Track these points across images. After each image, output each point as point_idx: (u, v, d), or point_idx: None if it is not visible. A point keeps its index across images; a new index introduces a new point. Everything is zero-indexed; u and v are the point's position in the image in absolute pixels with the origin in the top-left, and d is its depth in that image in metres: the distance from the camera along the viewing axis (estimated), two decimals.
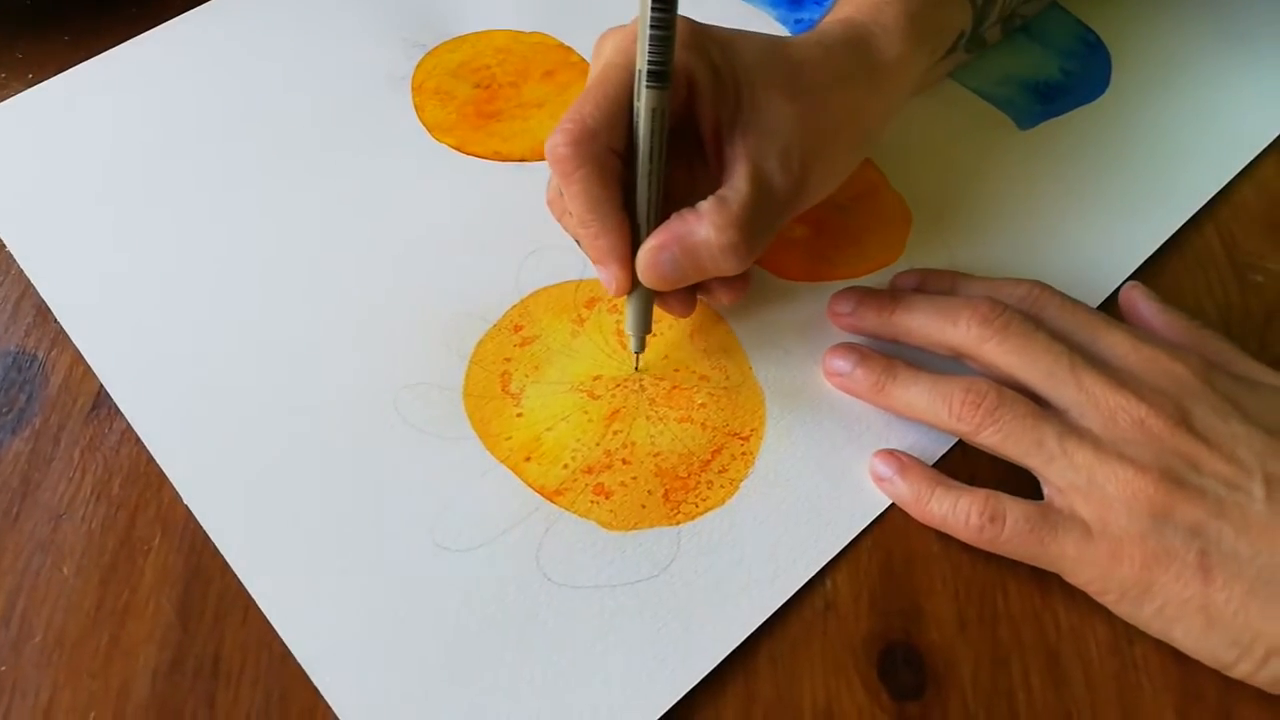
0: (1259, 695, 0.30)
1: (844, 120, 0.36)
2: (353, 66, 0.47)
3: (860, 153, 0.38)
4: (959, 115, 0.45)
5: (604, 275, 0.34)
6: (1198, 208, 0.42)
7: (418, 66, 0.47)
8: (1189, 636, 0.30)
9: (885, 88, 0.37)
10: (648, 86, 0.32)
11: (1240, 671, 0.29)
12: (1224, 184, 0.43)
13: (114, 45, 0.47)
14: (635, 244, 0.34)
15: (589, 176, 0.32)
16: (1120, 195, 0.43)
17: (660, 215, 0.34)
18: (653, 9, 0.30)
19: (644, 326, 0.36)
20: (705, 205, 0.33)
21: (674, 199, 0.34)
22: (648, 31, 0.31)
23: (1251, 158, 0.44)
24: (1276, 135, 0.45)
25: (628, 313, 0.36)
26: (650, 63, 0.31)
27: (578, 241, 0.36)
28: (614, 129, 0.32)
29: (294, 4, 0.49)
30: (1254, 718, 0.30)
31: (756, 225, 0.33)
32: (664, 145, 0.33)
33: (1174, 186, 0.43)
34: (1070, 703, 0.30)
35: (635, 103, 0.32)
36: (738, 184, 0.33)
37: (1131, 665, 0.31)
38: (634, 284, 0.34)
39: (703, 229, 0.32)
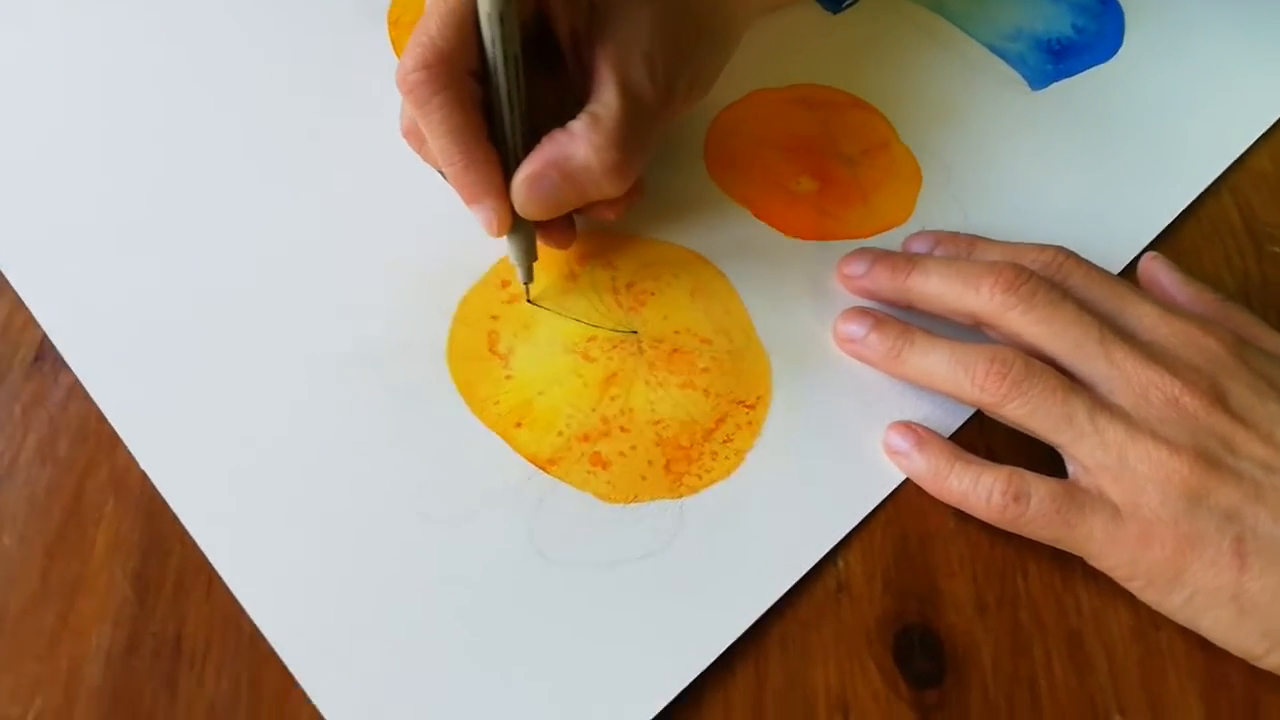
0: None
1: (704, 18, 0.34)
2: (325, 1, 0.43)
3: (725, 53, 0.36)
4: (971, 70, 0.43)
5: (480, 214, 0.32)
6: (1214, 176, 0.41)
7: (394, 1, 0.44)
8: (1218, 625, 0.28)
9: None
10: None
11: (1270, 663, 0.28)
12: (1241, 151, 0.41)
13: None
14: (506, 170, 0.31)
15: (447, 103, 0.30)
16: (1135, 161, 0.41)
17: (527, 133, 0.31)
18: None
19: (531, 254, 0.34)
20: (578, 125, 0.31)
21: (538, 109, 0.31)
22: None
23: (1270, 124, 0.42)
24: None
25: (510, 245, 0.33)
26: None
27: (442, 175, 0.33)
28: (466, 49, 0.30)
29: None
30: None
31: (633, 140, 0.31)
32: (518, 59, 0.30)
33: (1190, 153, 0.41)
34: (1094, 690, 0.29)
35: (480, 12, 0.30)
36: (607, 99, 0.31)
37: (1156, 651, 0.30)
38: (513, 217, 0.32)
39: (580, 151, 0.30)
